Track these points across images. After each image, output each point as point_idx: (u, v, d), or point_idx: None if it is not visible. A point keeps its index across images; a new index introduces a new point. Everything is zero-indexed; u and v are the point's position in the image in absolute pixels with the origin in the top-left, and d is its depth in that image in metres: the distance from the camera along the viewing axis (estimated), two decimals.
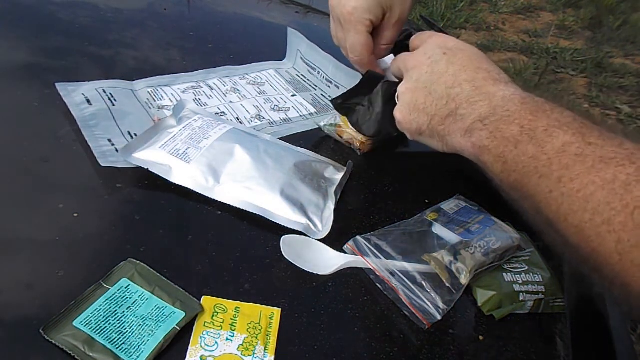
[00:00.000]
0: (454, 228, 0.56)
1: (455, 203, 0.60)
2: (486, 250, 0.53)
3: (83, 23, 0.83)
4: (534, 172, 0.41)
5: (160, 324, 0.42)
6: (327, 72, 0.80)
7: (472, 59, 0.50)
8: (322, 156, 0.66)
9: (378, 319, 0.49)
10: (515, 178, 0.43)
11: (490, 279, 0.53)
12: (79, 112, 0.61)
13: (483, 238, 0.54)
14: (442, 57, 0.50)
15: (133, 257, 0.47)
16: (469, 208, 0.60)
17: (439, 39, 0.53)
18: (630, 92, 2.69)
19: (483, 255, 0.52)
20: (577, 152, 0.38)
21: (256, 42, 0.92)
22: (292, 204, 0.56)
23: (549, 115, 0.42)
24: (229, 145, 0.59)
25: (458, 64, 0.49)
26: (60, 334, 0.40)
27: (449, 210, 0.59)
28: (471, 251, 0.52)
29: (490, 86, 0.47)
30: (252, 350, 0.43)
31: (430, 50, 0.52)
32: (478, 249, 0.53)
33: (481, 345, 0.49)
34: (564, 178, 0.38)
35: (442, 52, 0.51)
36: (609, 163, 0.36)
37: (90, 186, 0.55)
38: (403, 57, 0.56)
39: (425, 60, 0.51)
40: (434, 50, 0.51)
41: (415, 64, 0.53)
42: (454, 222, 0.57)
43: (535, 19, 3.51)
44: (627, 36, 3.27)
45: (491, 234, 0.55)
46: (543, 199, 0.40)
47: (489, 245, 0.53)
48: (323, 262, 0.52)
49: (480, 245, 0.53)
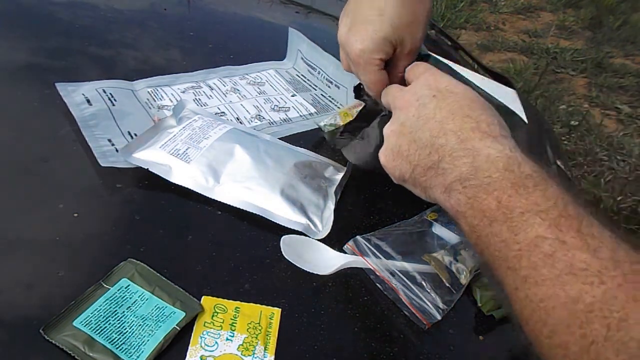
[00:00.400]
0: (454, 228, 0.56)
1: None
2: None
3: (83, 23, 0.83)
4: (503, 260, 0.38)
5: (160, 324, 0.42)
6: (328, 72, 0.80)
7: (463, 104, 0.46)
8: (322, 156, 0.66)
9: (378, 319, 0.49)
10: (487, 258, 0.40)
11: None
12: (79, 112, 0.61)
13: None
14: (431, 100, 0.47)
15: (133, 257, 0.47)
16: None
17: (431, 78, 0.49)
18: (630, 92, 2.69)
19: None
20: (548, 252, 0.35)
21: (256, 42, 0.92)
22: (292, 204, 0.56)
23: (530, 192, 0.38)
24: (229, 145, 0.59)
25: (446, 110, 0.46)
26: (60, 334, 0.40)
27: None
28: (471, 251, 0.52)
29: (477, 140, 0.43)
30: (252, 350, 0.43)
31: (420, 91, 0.48)
32: None
33: (481, 345, 0.49)
34: (530, 279, 0.36)
35: (431, 94, 0.47)
36: (577, 275, 0.33)
37: (90, 186, 0.55)
38: (393, 94, 0.52)
39: (413, 101, 0.48)
40: (423, 91, 0.48)
41: (403, 104, 0.49)
42: (454, 222, 0.57)
43: (535, 19, 3.51)
44: (627, 36, 3.27)
45: None
46: (509, 292, 0.38)
47: None
48: (323, 262, 0.52)
49: None
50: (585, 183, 1.88)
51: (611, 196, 1.84)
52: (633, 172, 1.99)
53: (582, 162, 2.05)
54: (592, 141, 2.17)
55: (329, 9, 1.12)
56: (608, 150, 2.12)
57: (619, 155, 2.09)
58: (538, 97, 2.44)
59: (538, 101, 2.40)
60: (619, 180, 1.94)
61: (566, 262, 0.34)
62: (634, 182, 1.92)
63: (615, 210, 1.79)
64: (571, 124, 2.27)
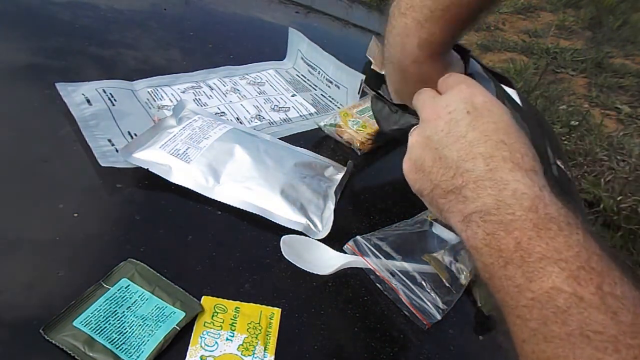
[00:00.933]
0: None
1: None
2: None
3: (83, 23, 0.83)
4: (513, 308, 0.36)
5: (160, 324, 0.42)
6: (328, 72, 0.80)
7: (499, 127, 0.42)
8: (322, 156, 0.66)
9: (378, 319, 0.49)
10: (497, 301, 0.38)
11: None
12: (79, 112, 0.61)
13: None
14: (464, 116, 0.43)
15: (133, 257, 0.47)
16: None
17: (466, 92, 0.44)
18: (630, 92, 2.69)
19: None
20: (563, 307, 0.32)
21: (256, 42, 0.92)
22: (292, 204, 0.56)
23: (552, 237, 0.35)
24: (229, 145, 0.59)
25: (479, 130, 0.42)
26: (60, 333, 0.40)
27: None
28: None
29: (507, 171, 0.39)
30: (252, 350, 0.43)
31: (454, 104, 0.44)
32: None
33: (481, 345, 0.49)
34: (539, 334, 0.33)
35: (465, 109, 0.43)
36: (590, 339, 0.30)
37: (90, 186, 0.55)
38: (422, 101, 0.48)
39: (444, 114, 0.44)
40: (457, 105, 0.44)
41: (432, 115, 0.45)
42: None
43: (535, 19, 3.51)
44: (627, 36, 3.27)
45: None
46: (517, 343, 0.35)
47: None
48: (323, 262, 0.52)
49: None
50: (585, 183, 1.88)
51: (611, 196, 1.84)
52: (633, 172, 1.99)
53: (582, 162, 2.05)
54: (592, 141, 2.17)
55: (328, 9, 1.12)
56: (608, 150, 2.12)
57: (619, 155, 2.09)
58: (538, 97, 2.44)
59: (538, 101, 2.40)
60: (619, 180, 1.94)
61: (580, 321, 0.31)
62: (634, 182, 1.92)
63: (615, 210, 1.79)
64: (571, 124, 2.27)
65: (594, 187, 1.85)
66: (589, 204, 1.79)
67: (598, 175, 1.97)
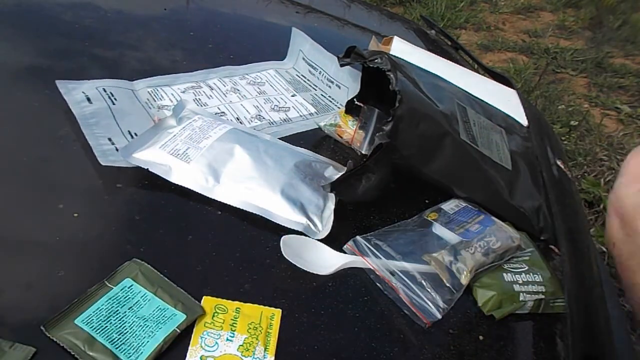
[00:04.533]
0: (454, 228, 0.56)
1: (455, 203, 0.60)
2: (486, 250, 0.53)
3: (84, 24, 0.83)
4: None
5: (160, 326, 0.42)
6: (329, 72, 0.80)
7: None
8: (322, 156, 0.66)
9: (378, 319, 0.49)
10: None
11: (490, 279, 0.53)
12: (79, 109, 0.61)
13: (483, 238, 0.54)
14: None
15: (133, 257, 0.47)
16: (469, 208, 0.60)
17: None
18: (630, 92, 2.69)
19: (483, 255, 0.52)
20: None
21: (256, 42, 0.92)
22: (292, 204, 0.56)
23: None
24: (229, 145, 0.59)
25: None
26: (61, 331, 0.40)
27: (449, 210, 0.59)
28: (471, 251, 0.52)
29: None
30: (252, 350, 0.43)
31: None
32: (478, 249, 0.53)
33: (481, 345, 0.49)
34: None
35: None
36: None
37: (90, 186, 0.55)
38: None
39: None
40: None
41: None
42: (454, 222, 0.57)
43: (535, 19, 3.51)
44: (627, 36, 3.26)
45: (491, 234, 0.55)
46: None
47: (489, 245, 0.53)
48: (323, 262, 0.52)
49: (480, 245, 0.53)
50: (585, 183, 1.88)
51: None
52: None
53: (582, 162, 2.04)
54: (592, 141, 2.16)
55: (328, 9, 1.12)
56: (608, 150, 2.12)
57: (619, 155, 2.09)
58: (538, 97, 2.44)
59: (538, 101, 2.39)
60: None
61: None
62: None
63: None
64: (571, 124, 2.27)
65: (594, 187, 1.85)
66: (589, 204, 1.78)
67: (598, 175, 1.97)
